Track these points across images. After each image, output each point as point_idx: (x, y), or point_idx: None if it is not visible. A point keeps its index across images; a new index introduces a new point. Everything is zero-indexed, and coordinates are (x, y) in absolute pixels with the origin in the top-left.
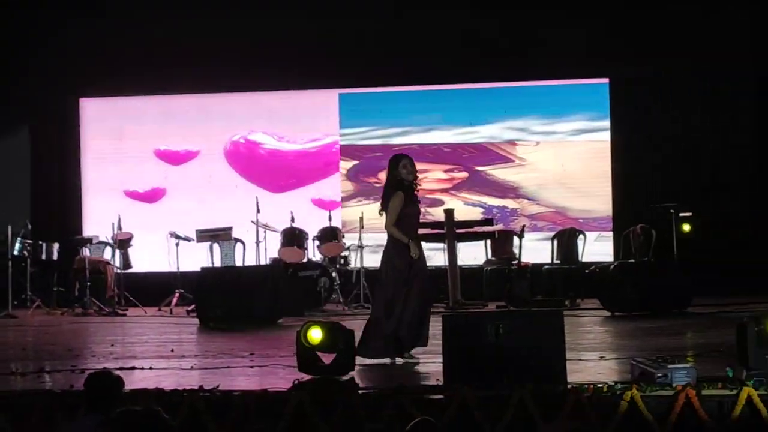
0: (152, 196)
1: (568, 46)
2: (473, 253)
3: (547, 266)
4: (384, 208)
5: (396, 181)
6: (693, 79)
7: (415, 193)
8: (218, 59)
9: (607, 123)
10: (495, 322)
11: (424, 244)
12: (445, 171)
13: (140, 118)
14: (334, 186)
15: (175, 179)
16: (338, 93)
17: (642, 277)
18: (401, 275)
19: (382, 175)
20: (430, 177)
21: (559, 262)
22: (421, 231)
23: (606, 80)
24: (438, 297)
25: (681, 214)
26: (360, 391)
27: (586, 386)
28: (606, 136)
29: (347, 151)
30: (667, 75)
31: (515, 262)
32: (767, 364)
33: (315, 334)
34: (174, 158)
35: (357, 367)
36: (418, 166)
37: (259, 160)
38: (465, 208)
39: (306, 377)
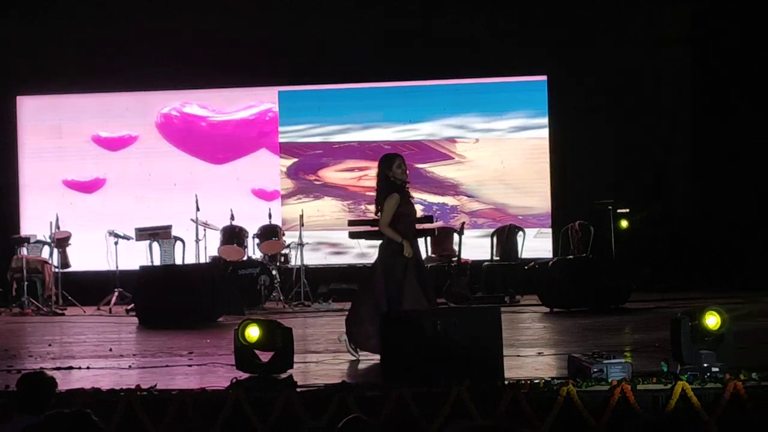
0: (92, 186)
1: (507, 44)
2: None
3: (486, 263)
4: (379, 208)
5: (389, 182)
6: (631, 76)
7: (408, 191)
8: (157, 57)
9: (545, 120)
10: (433, 319)
11: (366, 242)
12: None
13: (79, 114)
14: (273, 174)
15: (114, 169)
16: (277, 90)
17: (580, 273)
18: (395, 275)
19: (322, 173)
20: (370, 174)
21: (498, 258)
22: (360, 228)
23: (544, 77)
24: None
25: (619, 211)
26: (298, 389)
27: (523, 382)
28: (545, 134)
29: (287, 149)
30: (605, 72)
31: (455, 259)
32: (700, 359)
33: (253, 332)
34: (112, 144)
35: (297, 365)
36: (358, 163)
37: (195, 132)
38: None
39: (245, 375)
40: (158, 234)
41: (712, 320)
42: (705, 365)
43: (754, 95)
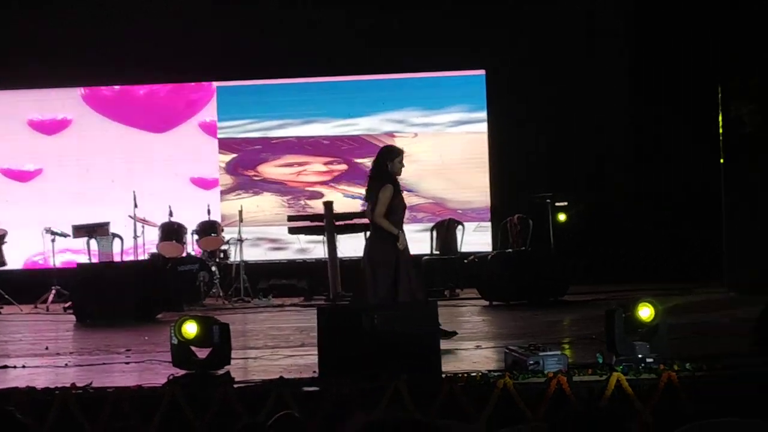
0: (28, 175)
1: (445, 39)
2: (353, 246)
3: (426, 257)
4: (370, 198)
5: (386, 173)
6: (569, 70)
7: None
8: (94, 51)
9: (484, 114)
10: (370, 313)
11: (306, 237)
12: (324, 163)
13: (14, 111)
14: (211, 161)
15: (50, 157)
16: (216, 86)
17: (519, 266)
18: (389, 268)
19: (261, 168)
20: (309, 170)
21: (438, 252)
22: (299, 224)
23: (482, 72)
24: (319, 289)
25: (557, 204)
26: (236, 385)
27: (460, 375)
28: (483, 128)
29: (226, 144)
30: (543, 65)
31: None
32: (634, 350)
33: (190, 329)
34: (48, 128)
35: (235, 361)
36: (297, 159)
37: (129, 102)
38: (344, 201)
39: (182, 372)
40: (96, 231)
41: (645, 312)
42: (639, 356)
43: (691, 87)
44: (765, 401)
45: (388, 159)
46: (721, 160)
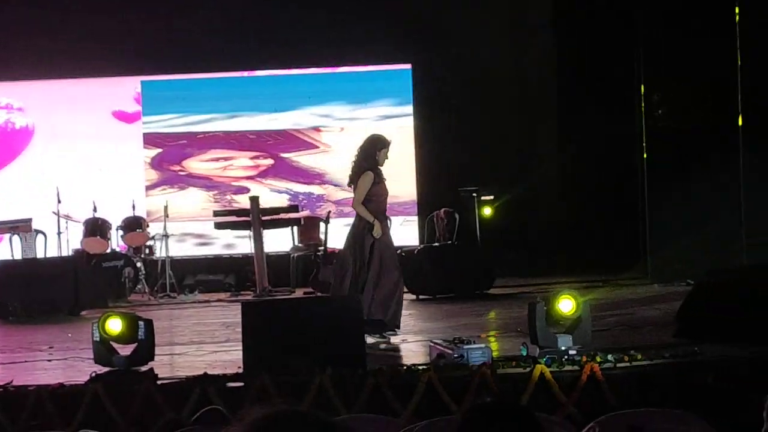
0: None
1: (371, 33)
2: (280, 240)
3: None
4: (353, 183)
5: (371, 161)
6: (495, 62)
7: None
8: (14, 47)
9: (410, 108)
10: (294, 309)
11: (232, 232)
12: (251, 158)
13: None
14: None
15: None
16: (140, 80)
17: (445, 260)
18: (363, 255)
19: (186, 164)
20: (236, 164)
21: None
22: (226, 219)
23: (408, 66)
24: (246, 285)
25: (483, 198)
26: (159, 382)
27: (385, 369)
28: (410, 122)
29: (150, 140)
30: (469, 58)
31: (322, 248)
32: (556, 342)
33: (113, 325)
34: None
35: (161, 357)
36: (223, 153)
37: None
38: (271, 195)
39: (105, 369)
40: (18, 227)
41: (566, 304)
42: (563, 348)
43: (615, 81)
44: (686, 392)
45: (375, 148)
46: (644, 155)
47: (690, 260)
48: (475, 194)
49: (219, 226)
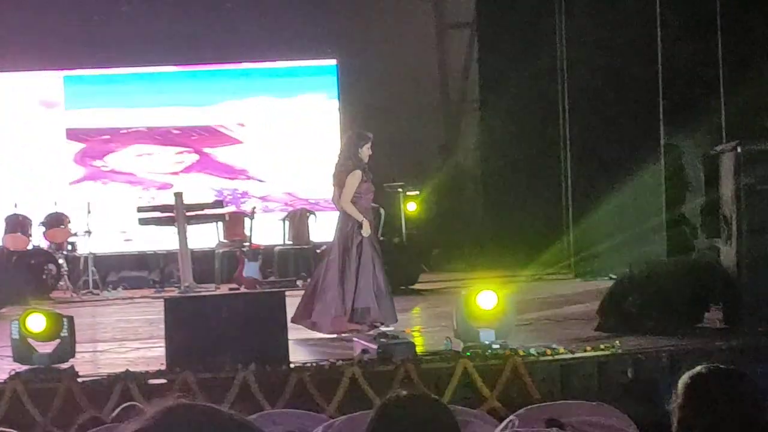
0: None
1: (297, 28)
2: (204, 236)
3: (278, 247)
4: (338, 182)
5: (357, 158)
6: (419, 59)
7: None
8: None
9: (336, 104)
10: (217, 305)
11: (157, 227)
12: (175, 153)
13: None
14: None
15: None
16: (63, 75)
17: None
18: (351, 254)
19: (109, 159)
20: (160, 160)
21: (290, 242)
22: (150, 215)
23: (334, 61)
24: (170, 281)
25: (408, 194)
26: (80, 379)
27: (309, 365)
28: (335, 118)
29: (73, 135)
30: (394, 55)
31: (246, 243)
32: (477, 336)
33: (33, 322)
34: None
35: (83, 354)
36: (147, 149)
37: None
38: (196, 191)
39: (25, 367)
40: None
41: (487, 298)
42: (486, 342)
43: (535, 74)
44: (605, 384)
45: (358, 145)
46: (569, 152)
47: (613, 255)
48: (400, 190)
49: (143, 221)
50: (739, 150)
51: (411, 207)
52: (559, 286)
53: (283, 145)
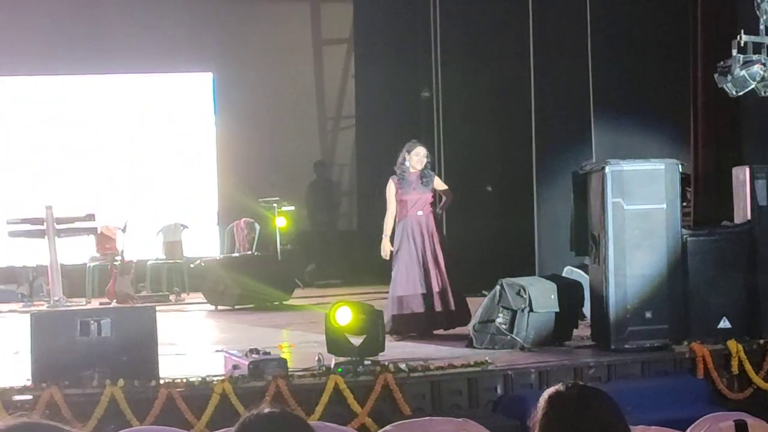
0: None
1: (172, 40)
2: (76, 250)
3: (151, 261)
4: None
5: (398, 168)
6: (296, 74)
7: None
8: None
9: (212, 117)
10: (85, 319)
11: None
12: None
13: None
14: None
15: None
16: None
17: (245, 270)
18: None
19: None
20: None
21: (164, 256)
22: (19, 227)
23: (210, 74)
24: (40, 295)
25: (283, 209)
26: None
27: (179, 380)
28: (212, 130)
29: None
30: (269, 68)
31: (119, 257)
32: (344, 351)
33: None
34: None
35: None
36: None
37: None
38: (67, 204)
39: None
40: None
41: (343, 314)
42: (356, 359)
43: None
44: (474, 399)
45: (403, 153)
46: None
47: (485, 272)
48: (275, 204)
49: (12, 234)
50: (606, 170)
51: (280, 222)
52: None
53: (157, 158)
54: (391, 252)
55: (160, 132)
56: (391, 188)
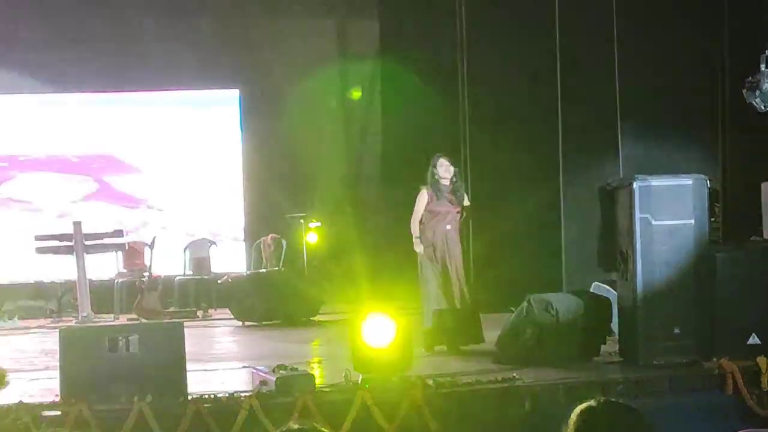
0: None
1: (199, 56)
2: (103, 266)
3: (179, 277)
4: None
5: (431, 179)
6: (324, 90)
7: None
8: None
9: (238, 133)
10: (114, 336)
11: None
12: (74, 182)
13: None
14: None
15: None
16: None
17: (272, 286)
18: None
19: (7, 186)
20: (59, 188)
21: (191, 272)
22: (48, 244)
23: (236, 91)
24: (68, 311)
25: (310, 225)
26: None
27: (206, 396)
28: (238, 146)
29: None
30: (298, 85)
31: (146, 273)
32: (371, 366)
33: None
34: None
35: None
36: (46, 176)
37: None
38: (95, 220)
39: None
40: None
41: (370, 328)
42: (383, 374)
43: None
44: (502, 416)
45: (432, 164)
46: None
47: (511, 288)
48: (302, 220)
49: (41, 250)
50: (634, 185)
51: (312, 238)
52: None
53: (184, 174)
54: (420, 263)
55: (188, 148)
56: (423, 197)
